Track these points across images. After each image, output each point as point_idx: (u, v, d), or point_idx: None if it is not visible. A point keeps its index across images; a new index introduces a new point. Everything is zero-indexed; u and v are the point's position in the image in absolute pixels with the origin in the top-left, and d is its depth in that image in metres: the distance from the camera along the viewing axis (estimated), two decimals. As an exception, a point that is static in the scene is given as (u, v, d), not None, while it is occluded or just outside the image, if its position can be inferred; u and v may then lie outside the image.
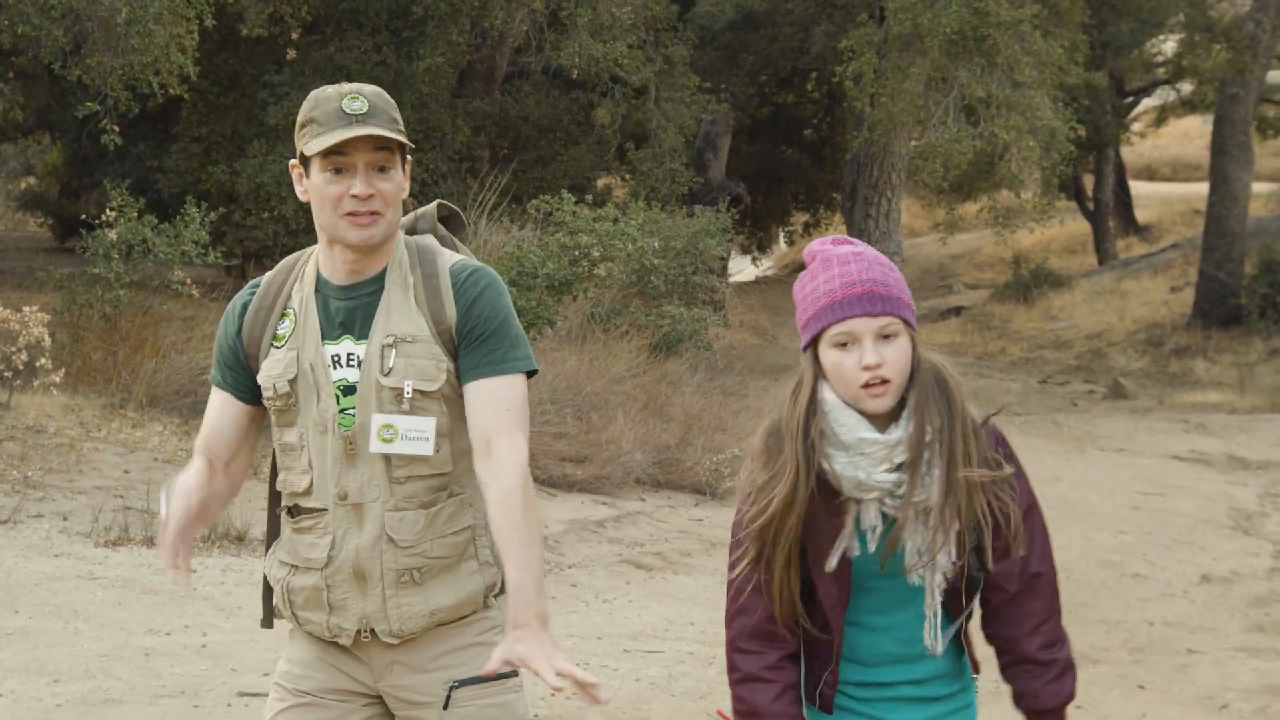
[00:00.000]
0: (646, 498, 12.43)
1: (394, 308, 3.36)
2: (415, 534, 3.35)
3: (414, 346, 3.34)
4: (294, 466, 3.37)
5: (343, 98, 3.28)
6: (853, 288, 3.08)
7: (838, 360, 3.09)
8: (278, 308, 3.41)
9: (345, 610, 3.36)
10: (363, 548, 3.33)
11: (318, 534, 3.36)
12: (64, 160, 30.29)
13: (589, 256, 14.48)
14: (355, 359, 3.34)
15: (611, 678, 7.37)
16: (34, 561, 8.68)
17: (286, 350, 3.36)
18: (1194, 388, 22.99)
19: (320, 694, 3.44)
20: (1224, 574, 11.04)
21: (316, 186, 3.30)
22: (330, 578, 3.35)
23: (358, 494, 3.33)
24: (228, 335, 3.45)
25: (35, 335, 11.52)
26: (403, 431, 3.32)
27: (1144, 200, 38.78)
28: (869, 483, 3.11)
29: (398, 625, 3.36)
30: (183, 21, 14.74)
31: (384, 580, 3.35)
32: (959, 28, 18.06)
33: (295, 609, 3.42)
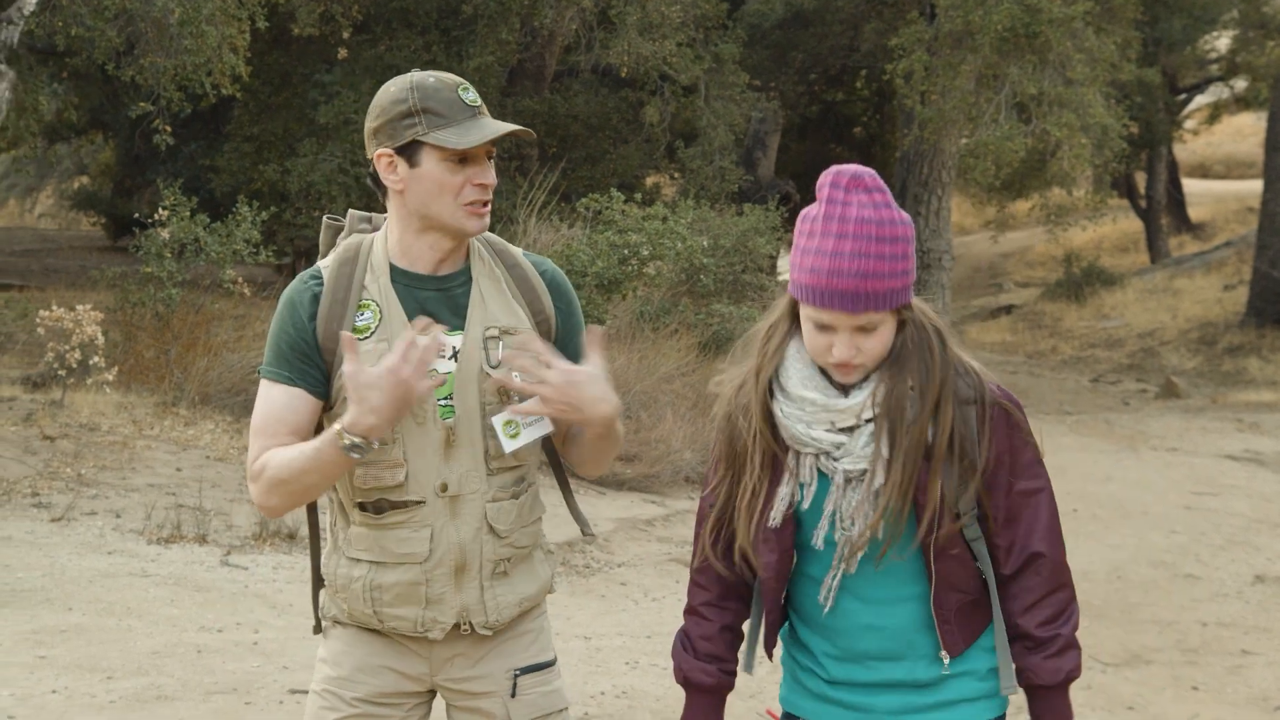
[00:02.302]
0: (695, 496, 12.41)
1: (489, 299, 3.38)
2: (510, 524, 3.38)
3: (517, 339, 3.35)
4: (381, 460, 3.29)
5: (456, 88, 3.29)
6: (837, 279, 2.95)
7: (811, 334, 3.06)
8: (353, 299, 3.33)
9: (443, 604, 3.35)
10: (465, 539, 3.33)
11: (413, 527, 3.32)
12: (117, 160, 30.53)
13: (638, 255, 14.47)
14: (446, 350, 3.31)
15: (661, 676, 7.37)
16: (87, 559, 8.74)
17: (375, 342, 3.28)
18: (1248, 387, 22.81)
19: (374, 701, 3.42)
20: (1278, 574, 10.96)
21: (432, 176, 3.26)
22: (430, 571, 3.32)
23: (457, 485, 3.32)
24: (298, 328, 3.32)
25: (89, 334, 11.62)
26: (523, 422, 3.33)
27: (1197, 198, 38.50)
28: (803, 437, 3.09)
29: (494, 616, 3.39)
30: (235, 22, 14.82)
31: (482, 572, 3.36)
32: (1010, 24, 17.95)
33: (381, 606, 3.36)
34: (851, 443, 3.07)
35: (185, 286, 13.68)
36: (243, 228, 13.78)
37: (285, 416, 3.31)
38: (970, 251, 36.33)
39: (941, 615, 3.15)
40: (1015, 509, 3.12)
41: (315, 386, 3.33)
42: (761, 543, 3.18)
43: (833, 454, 3.08)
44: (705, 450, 12.85)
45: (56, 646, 7.08)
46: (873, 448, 3.05)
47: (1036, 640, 3.12)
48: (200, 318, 13.79)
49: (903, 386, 3.04)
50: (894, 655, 3.19)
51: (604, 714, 6.72)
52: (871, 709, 3.21)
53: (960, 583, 3.15)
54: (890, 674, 3.19)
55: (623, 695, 7.02)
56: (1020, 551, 3.12)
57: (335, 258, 3.40)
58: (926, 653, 3.18)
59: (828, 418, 3.07)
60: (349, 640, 3.45)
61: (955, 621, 3.16)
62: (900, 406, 3.03)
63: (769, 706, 6.89)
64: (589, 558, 10.11)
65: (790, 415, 3.10)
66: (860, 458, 3.06)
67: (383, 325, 3.31)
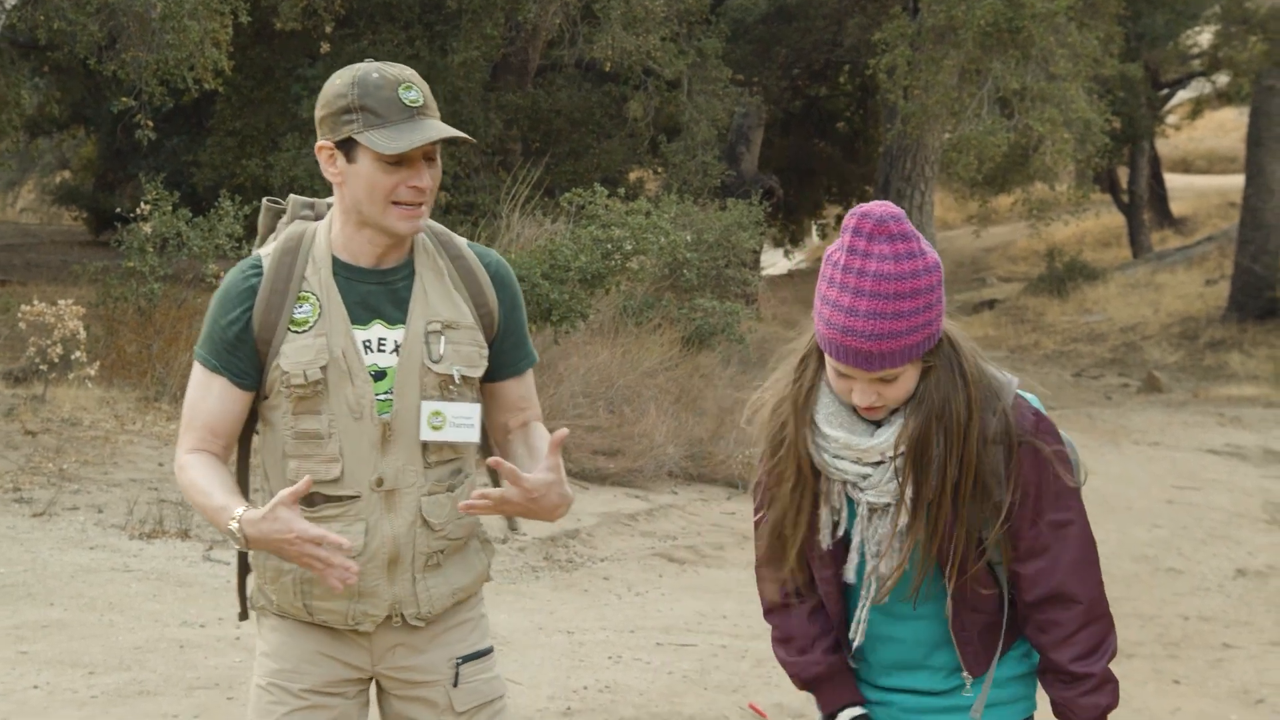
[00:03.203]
0: (679, 491, 12.42)
1: (431, 292, 3.36)
2: (444, 517, 3.36)
3: (459, 333, 3.35)
4: (316, 454, 3.29)
5: (397, 86, 3.23)
6: (851, 338, 2.92)
7: (834, 376, 3.06)
8: (292, 290, 3.31)
9: (375, 597, 3.34)
10: (399, 533, 3.32)
11: (347, 521, 3.30)
12: (99, 154, 30.42)
13: (621, 249, 14.46)
14: (388, 344, 3.31)
15: (644, 671, 7.37)
16: (69, 554, 8.72)
17: (314, 336, 3.28)
18: (1229, 381, 22.86)
19: (321, 691, 3.41)
20: (1259, 568, 10.99)
21: (366, 175, 3.23)
22: (363, 565, 3.30)
23: (393, 480, 3.30)
24: (230, 318, 3.31)
25: (70, 328, 11.58)
26: (450, 418, 3.32)
27: (1179, 193, 38.57)
28: (830, 466, 3.09)
29: (426, 608, 3.38)
30: (217, 16, 14.78)
31: (414, 565, 3.35)
32: (993, 20, 17.98)
33: (310, 600, 3.35)
34: (877, 475, 3.06)
35: (167, 281, 13.64)
36: (225, 222, 13.74)
37: (215, 407, 3.33)
38: (953, 246, 36.35)
39: (963, 636, 3.14)
40: (1042, 541, 3.07)
41: (240, 378, 3.32)
42: (816, 559, 3.19)
43: (859, 484, 3.08)
44: (688, 444, 12.88)
45: (38, 642, 7.06)
46: (895, 484, 3.04)
47: (1072, 676, 3.08)
48: (182, 312, 13.74)
49: (928, 429, 3.00)
50: (911, 666, 3.20)
51: (586, 708, 6.72)
52: (890, 703, 3.23)
53: (982, 604, 3.13)
54: (909, 682, 3.21)
55: (605, 690, 7.02)
56: (1045, 584, 3.07)
57: (277, 247, 3.38)
58: (945, 665, 3.18)
59: (853, 454, 3.07)
60: (289, 631, 3.43)
61: (979, 642, 3.15)
62: (925, 449, 3.00)
63: (752, 701, 6.90)
64: (572, 552, 10.11)
65: (818, 445, 3.10)
66: (884, 491, 3.05)
67: (322, 319, 3.30)
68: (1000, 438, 3.03)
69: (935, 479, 3.00)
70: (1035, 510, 3.04)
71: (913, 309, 2.92)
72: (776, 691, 7.09)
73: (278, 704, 3.40)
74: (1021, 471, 3.03)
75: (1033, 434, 3.06)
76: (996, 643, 3.16)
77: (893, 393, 3.00)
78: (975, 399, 3.02)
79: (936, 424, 3.00)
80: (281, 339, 3.29)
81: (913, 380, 3.01)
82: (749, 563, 10.24)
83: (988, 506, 3.03)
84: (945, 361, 3.04)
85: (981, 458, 3.01)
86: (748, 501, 12.26)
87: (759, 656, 7.71)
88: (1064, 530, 3.06)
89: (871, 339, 2.91)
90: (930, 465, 3.00)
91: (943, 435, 3.00)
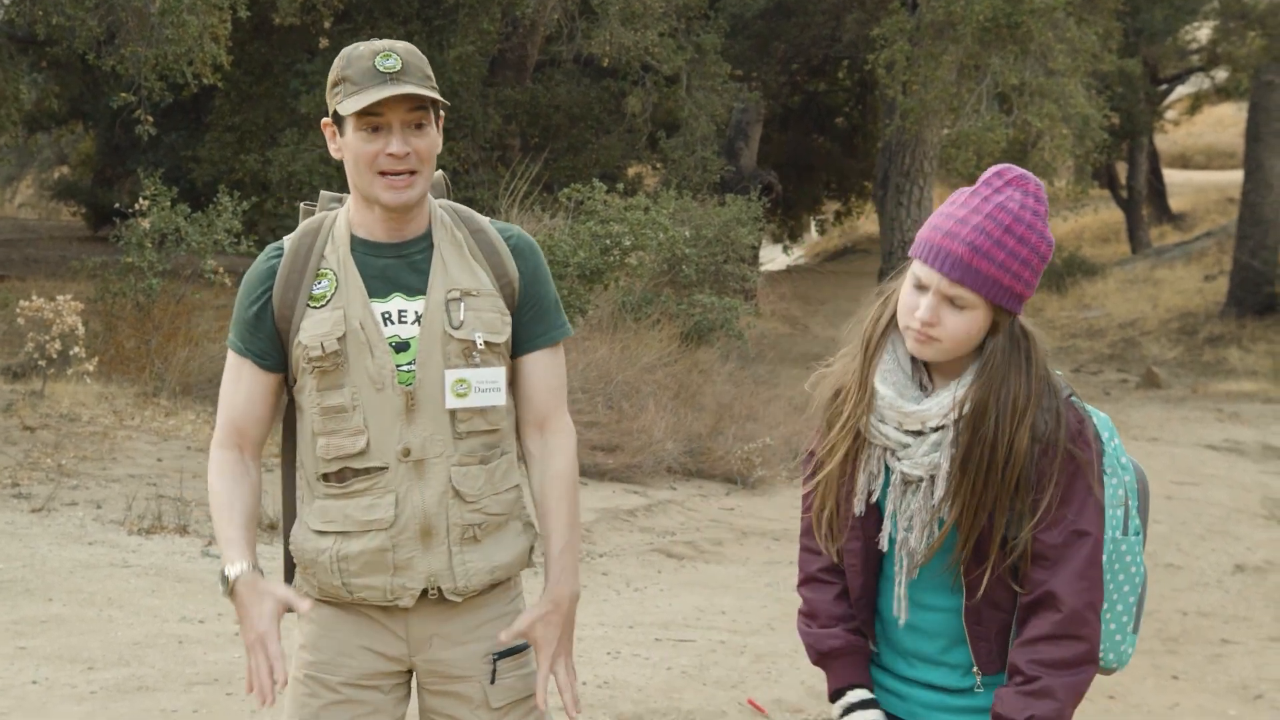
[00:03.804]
0: (678, 486, 12.42)
1: (450, 263, 3.38)
2: (478, 489, 3.37)
3: (479, 300, 3.36)
4: (342, 429, 3.31)
5: (375, 55, 3.25)
6: (950, 240, 2.94)
7: (907, 291, 3.04)
8: (310, 269, 3.35)
9: (411, 570, 3.34)
10: (429, 503, 3.32)
11: (377, 494, 3.32)
12: (97, 149, 30.41)
13: (620, 245, 14.46)
14: (408, 315, 3.32)
15: (643, 666, 7.37)
16: (68, 549, 8.72)
17: (330, 310, 3.31)
18: (1228, 377, 22.86)
19: (358, 684, 3.41)
20: (1258, 563, 10.99)
21: (351, 146, 3.28)
22: (396, 537, 3.32)
23: (421, 450, 3.31)
24: (252, 299, 3.37)
25: (69, 324, 11.58)
26: (475, 384, 3.33)
27: (1178, 188, 38.58)
28: (873, 428, 3.08)
29: (464, 582, 3.38)
30: (216, 11, 14.77)
31: (449, 536, 3.35)
32: (992, 15, 17.97)
33: (348, 577, 3.36)
34: (915, 446, 3.03)
35: (166, 276, 13.64)
36: (224, 217, 13.75)
37: (244, 392, 3.41)
38: (952, 242, 36.34)
39: (977, 632, 3.08)
40: (1056, 548, 2.98)
41: (262, 359, 3.38)
42: (846, 530, 3.16)
43: (896, 453, 3.05)
44: (687, 440, 12.88)
45: (37, 637, 7.06)
46: (932, 457, 3.01)
47: (1018, 673, 2.97)
48: (181, 308, 13.75)
49: (981, 404, 2.97)
50: (932, 660, 3.16)
51: (585, 704, 6.72)
52: (907, 697, 3.19)
53: (1003, 602, 3.06)
54: (927, 676, 3.16)
55: (604, 685, 7.02)
56: (1041, 587, 2.98)
57: (299, 230, 3.44)
58: (961, 663, 3.13)
59: (896, 417, 3.04)
60: (325, 624, 3.44)
61: (995, 640, 3.08)
62: (978, 422, 2.97)
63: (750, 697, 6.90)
64: (571, 548, 10.09)
65: (868, 406, 3.08)
66: (918, 464, 3.02)
67: (338, 293, 3.33)
68: (1048, 437, 2.98)
69: (978, 459, 2.97)
70: (1059, 516, 2.98)
71: (1015, 251, 2.93)
72: (775, 687, 7.09)
73: (313, 697, 3.41)
74: (1059, 477, 2.98)
75: (1074, 440, 3.01)
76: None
77: (955, 323, 2.97)
78: (1035, 390, 2.99)
79: (993, 401, 2.97)
80: (301, 316, 3.33)
81: (976, 325, 2.98)
82: (747, 558, 10.27)
83: (1020, 503, 2.99)
84: (1015, 344, 3.02)
85: (1029, 451, 2.97)
86: (747, 497, 12.29)
87: (758, 652, 7.72)
88: (1080, 541, 2.98)
89: (969, 247, 2.92)
90: (976, 444, 2.97)
91: (995, 415, 2.96)
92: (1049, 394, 3.02)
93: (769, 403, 14.49)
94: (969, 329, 2.98)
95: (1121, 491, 3.10)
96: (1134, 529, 3.13)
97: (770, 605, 8.88)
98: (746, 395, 14.58)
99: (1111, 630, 3.13)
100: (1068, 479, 2.98)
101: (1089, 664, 2.98)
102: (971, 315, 2.97)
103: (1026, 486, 2.98)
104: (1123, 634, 3.16)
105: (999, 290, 2.94)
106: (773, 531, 11.06)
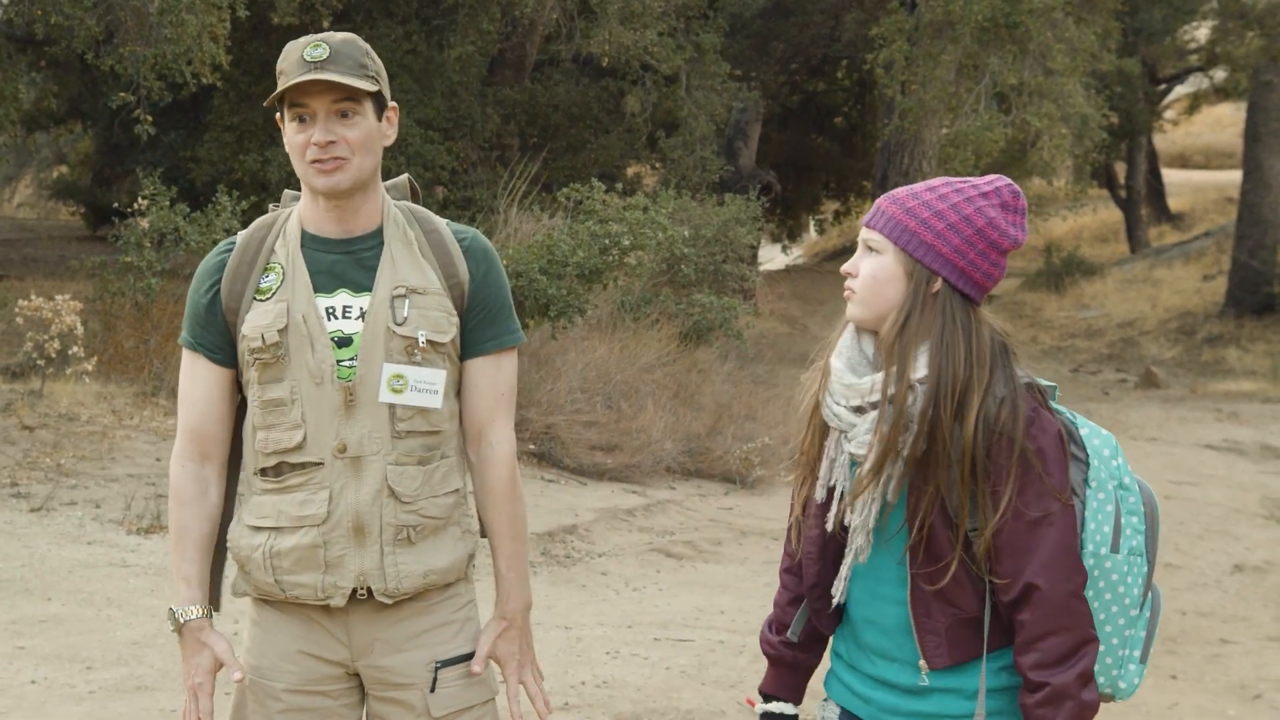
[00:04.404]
0: (676, 486, 12.43)
1: (399, 260, 3.37)
2: (414, 489, 3.34)
3: (425, 298, 3.35)
4: (280, 423, 3.30)
5: (304, 47, 3.27)
6: (884, 199, 3.06)
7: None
8: (259, 263, 3.36)
9: (342, 568, 3.31)
10: (363, 501, 3.29)
11: (311, 489, 3.30)
12: (96, 149, 30.41)
13: (619, 245, 14.46)
14: (353, 311, 3.31)
15: (642, 666, 7.38)
16: (66, 549, 8.72)
17: (275, 302, 3.31)
18: (1226, 376, 22.88)
19: (303, 690, 3.39)
20: (1257, 563, 11.00)
21: (287, 135, 3.31)
22: (328, 533, 3.29)
23: (358, 446, 3.29)
24: (201, 291, 3.38)
25: (67, 323, 11.58)
26: (412, 382, 3.31)
27: (1177, 188, 38.60)
28: (827, 411, 3.09)
29: (394, 584, 3.33)
30: (215, 10, 14.76)
31: (382, 536, 3.31)
32: (991, 15, 17.98)
33: (280, 574, 3.33)
34: (861, 425, 3.02)
35: (165, 276, 13.64)
36: (223, 217, 13.75)
37: (197, 399, 3.40)
38: (951, 241, 36.36)
39: (925, 625, 3.03)
40: (1018, 539, 2.94)
41: (214, 352, 3.37)
42: (809, 518, 3.17)
43: (847, 433, 3.05)
44: (685, 440, 12.90)
45: (35, 637, 7.07)
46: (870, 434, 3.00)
47: (1030, 684, 2.94)
48: (180, 307, 13.71)
49: (907, 374, 2.95)
50: (887, 654, 3.12)
51: (584, 704, 6.73)
52: (871, 700, 3.16)
53: (956, 599, 3.02)
54: (884, 672, 3.13)
55: (603, 685, 7.02)
56: (1016, 583, 2.94)
57: (252, 225, 3.45)
58: (913, 659, 3.08)
59: (844, 392, 3.04)
60: (267, 627, 3.42)
61: (945, 635, 3.03)
62: (900, 392, 2.95)
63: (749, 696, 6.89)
64: (569, 548, 10.11)
65: (826, 389, 3.10)
66: (862, 442, 3.01)
67: (284, 286, 3.33)
68: (1002, 427, 2.93)
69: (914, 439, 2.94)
70: (1014, 507, 2.93)
71: (930, 204, 3.01)
72: (774, 687, 7.09)
73: (260, 707, 3.40)
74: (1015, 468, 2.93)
75: (1024, 429, 2.95)
76: (974, 644, 3.04)
77: (867, 266, 3.03)
78: (979, 374, 2.96)
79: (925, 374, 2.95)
80: (247, 308, 3.33)
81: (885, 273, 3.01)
82: (746, 558, 10.28)
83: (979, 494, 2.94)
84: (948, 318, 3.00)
85: (979, 439, 2.93)
86: (745, 496, 12.30)
87: (756, 651, 7.72)
88: (1039, 529, 2.93)
89: (895, 202, 3.03)
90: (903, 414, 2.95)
91: (930, 389, 2.94)
92: (1003, 381, 2.98)
93: (768, 402, 14.50)
94: (876, 272, 3.02)
95: (1110, 507, 3.03)
96: (1128, 549, 3.04)
97: (769, 605, 8.86)
98: (745, 395, 14.59)
99: (1101, 653, 3.04)
100: (1023, 468, 2.94)
101: (1087, 646, 2.94)
102: (880, 260, 3.02)
103: (983, 476, 2.94)
104: (1115, 659, 3.07)
105: (904, 234, 2.99)
106: (771, 531, 11.07)
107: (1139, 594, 3.07)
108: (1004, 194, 3.04)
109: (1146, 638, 3.12)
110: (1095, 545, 3.01)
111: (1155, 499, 3.17)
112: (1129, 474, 3.10)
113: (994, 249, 3.01)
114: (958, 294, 3.01)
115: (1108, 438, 3.11)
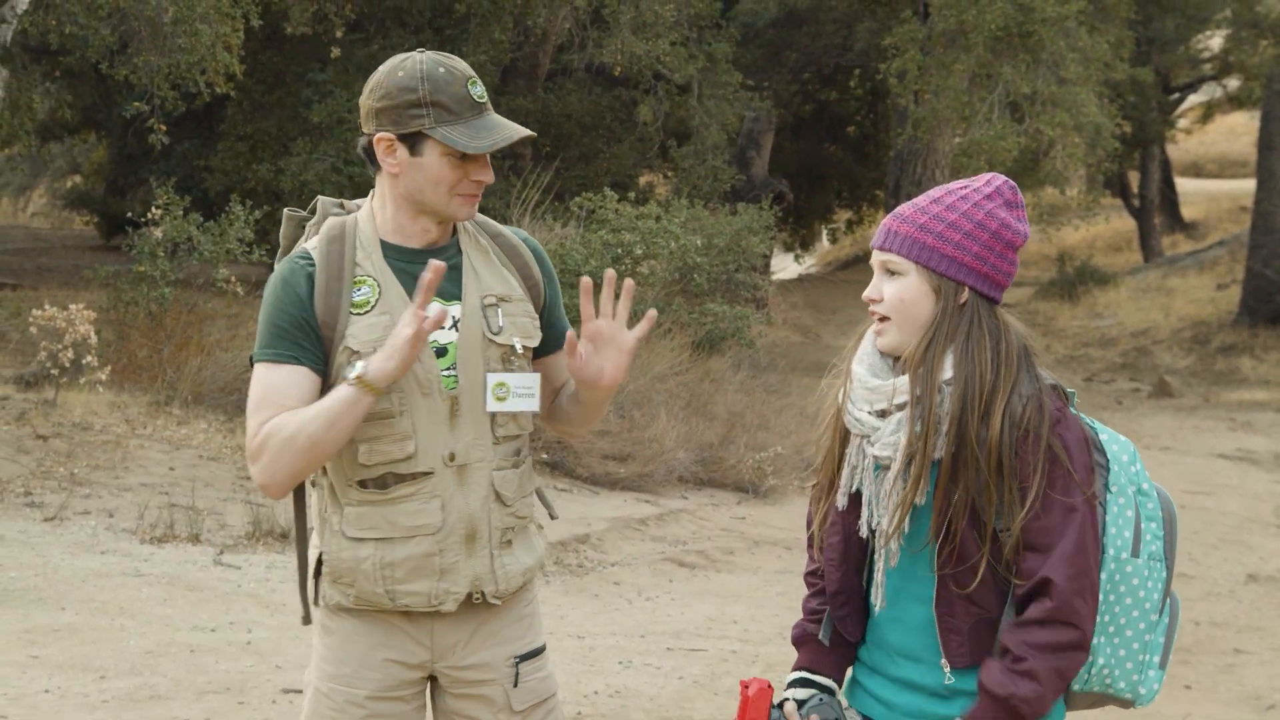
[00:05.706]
0: (689, 496, 12.42)
1: (480, 269, 3.42)
2: (514, 492, 3.43)
3: (513, 305, 3.43)
4: (387, 434, 3.29)
5: (465, 82, 3.30)
6: (892, 219, 3.05)
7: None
8: (347, 275, 3.32)
9: (456, 574, 3.36)
10: (474, 508, 3.36)
11: (423, 499, 3.32)
12: (110, 158, 30.49)
13: (631, 254, 14.48)
14: (445, 320, 3.28)
15: (655, 676, 7.37)
16: (80, 558, 8.74)
17: (376, 315, 3.29)
18: (1240, 386, 22.83)
19: (382, 697, 3.41)
20: (1271, 573, 10.97)
21: (433, 169, 3.29)
22: (442, 541, 3.33)
23: (464, 455, 3.34)
24: (297, 305, 3.28)
25: (81, 333, 11.60)
26: (514, 389, 3.38)
27: (1190, 197, 38.54)
28: (849, 416, 3.09)
29: (504, 585, 3.41)
30: (228, 20, 14.80)
31: (491, 540, 3.39)
32: (1004, 24, 17.98)
33: (392, 584, 3.33)
34: (884, 428, 3.02)
35: (178, 286, 13.67)
36: (236, 226, 13.78)
37: (288, 391, 3.26)
38: (963, 250, 36.33)
39: (948, 624, 3.03)
40: (1044, 532, 2.93)
41: (317, 364, 3.29)
42: (830, 525, 3.17)
43: (869, 437, 3.05)
44: (698, 449, 12.89)
45: (49, 646, 7.07)
46: (897, 436, 2.99)
47: (1007, 650, 2.93)
48: (193, 317, 13.77)
49: (934, 377, 2.96)
50: (912, 655, 3.11)
51: (597, 713, 6.72)
52: (893, 705, 3.14)
53: (980, 598, 3.01)
54: (909, 673, 3.11)
55: (616, 694, 7.02)
56: (1035, 574, 2.92)
57: (320, 238, 3.38)
58: (938, 658, 3.07)
59: (866, 396, 3.05)
60: (346, 636, 3.42)
61: (969, 635, 3.02)
62: (928, 394, 2.95)
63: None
64: (582, 557, 10.11)
65: (846, 395, 3.11)
66: (887, 445, 3.01)
67: (382, 299, 3.32)
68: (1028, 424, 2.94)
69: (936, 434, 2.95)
70: (1041, 499, 2.93)
71: (940, 216, 3.01)
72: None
73: (338, 712, 3.40)
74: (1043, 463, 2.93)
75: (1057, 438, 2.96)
76: (993, 641, 3.02)
77: (892, 290, 3.02)
78: (1006, 374, 2.97)
79: (951, 374, 2.97)
80: (345, 323, 3.29)
81: (912, 291, 3.01)
82: (759, 568, 10.27)
83: (1007, 492, 2.94)
84: (974, 322, 3.01)
85: (1005, 437, 2.93)
86: (758, 506, 12.29)
87: (769, 661, 7.71)
88: (1065, 521, 2.93)
89: (905, 220, 3.03)
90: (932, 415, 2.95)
91: (958, 391, 2.95)
92: (1028, 381, 2.99)
93: (780, 412, 14.49)
94: (902, 294, 3.02)
95: (1130, 512, 3.04)
96: (1148, 554, 3.05)
97: (782, 614, 8.87)
98: (758, 404, 14.58)
99: (1122, 657, 3.02)
100: (1050, 464, 2.94)
101: (1078, 650, 2.93)
102: (904, 281, 3.02)
103: (1010, 474, 2.94)
104: (1135, 664, 3.05)
105: (924, 251, 2.99)
106: (784, 540, 11.06)
107: (1159, 599, 3.07)
108: (1005, 192, 3.07)
109: (1166, 644, 3.12)
110: (1116, 550, 3.01)
111: (1173, 504, 3.18)
112: (1147, 480, 3.12)
113: (1009, 249, 3.04)
114: (983, 299, 3.03)
115: (1126, 443, 3.12)
